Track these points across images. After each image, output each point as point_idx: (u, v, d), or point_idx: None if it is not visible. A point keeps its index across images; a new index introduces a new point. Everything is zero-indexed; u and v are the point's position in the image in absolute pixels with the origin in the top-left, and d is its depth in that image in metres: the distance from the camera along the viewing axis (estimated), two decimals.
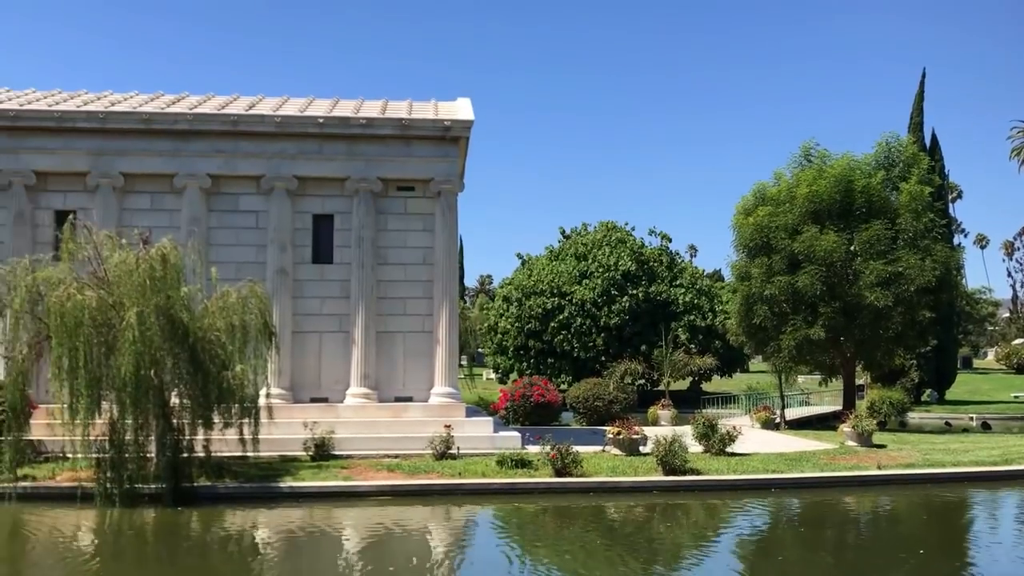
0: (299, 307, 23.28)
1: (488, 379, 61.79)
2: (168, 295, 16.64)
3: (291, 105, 25.00)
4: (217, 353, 17.37)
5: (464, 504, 17.35)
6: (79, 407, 16.14)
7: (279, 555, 13.41)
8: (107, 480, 16.49)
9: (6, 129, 22.69)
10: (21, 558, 13.56)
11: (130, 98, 25.35)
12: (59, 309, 16.10)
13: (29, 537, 14.82)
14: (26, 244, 22.03)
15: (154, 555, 13.71)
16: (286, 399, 22.40)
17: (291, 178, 23.28)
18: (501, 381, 51.92)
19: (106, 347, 16.25)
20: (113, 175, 22.82)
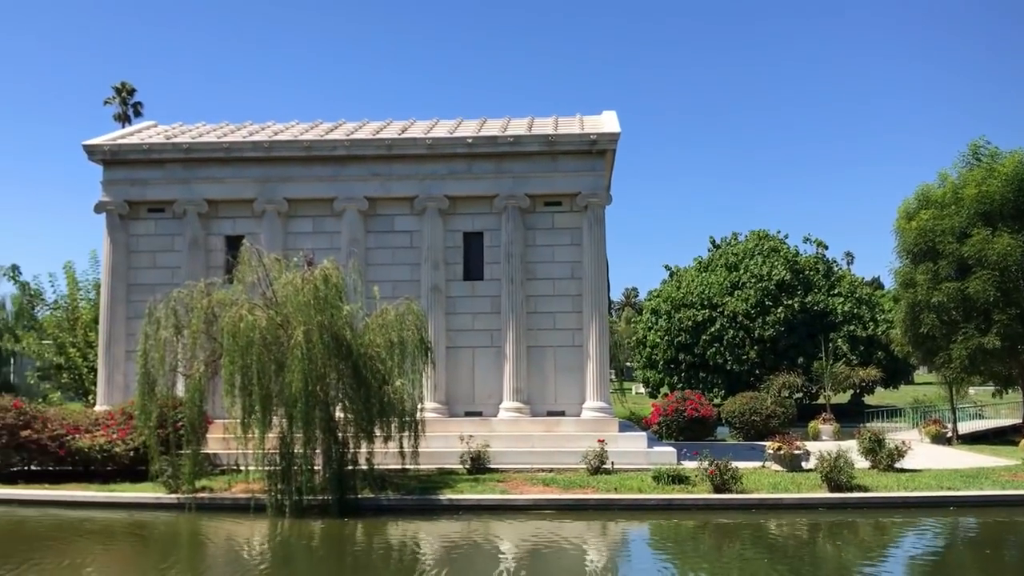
0: (452, 323, 23.79)
1: (637, 393, 61.18)
2: (331, 314, 17.34)
3: (441, 127, 25.66)
4: (377, 368, 17.96)
5: (620, 520, 17.20)
6: (251, 422, 17.02)
7: (442, 567, 13.64)
8: (278, 492, 17.30)
9: (181, 161, 24.36)
10: (201, 565, 14.37)
11: (291, 127, 26.68)
12: (232, 329, 17.04)
13: (208, 545, 15.72)
14: (200, 268, 23.52)
15: (323, 565, 14.23)
16: (442, 413, 22.90)
17: (442, 198, 23.87)
18: (651, 395, 51.33)
19: (275, 364, 17.08)
20: (278, 201, 24.06)
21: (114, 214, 24.39)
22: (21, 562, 13.66)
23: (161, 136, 25.56)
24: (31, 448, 20.39)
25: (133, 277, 24.40)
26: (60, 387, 29.66)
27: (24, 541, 15.80)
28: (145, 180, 24.49)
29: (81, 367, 27.99)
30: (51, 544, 15.49)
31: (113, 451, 20.07)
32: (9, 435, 20.24)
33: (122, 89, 74.17)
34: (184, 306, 18.62)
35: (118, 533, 16.42)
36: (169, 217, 24.57)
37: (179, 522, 17.14)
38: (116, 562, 14.51)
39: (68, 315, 29.01)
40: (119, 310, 24.11)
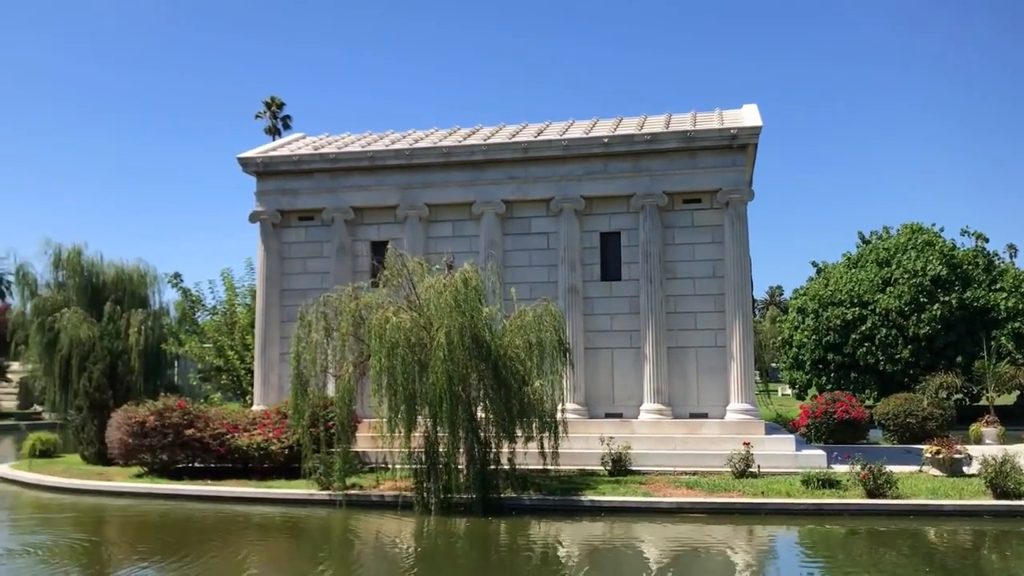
0: (590, 324, 23.74)
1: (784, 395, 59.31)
2: (472, 315, 17.62)
3: (576, 127, 25.67)
4: (517, 369, 18.13)
5: (767, 524, 16.71)
6: (397, 421, 17.50)
7: (586, 568, 13.64)
8: (424, 490, 17.72)
9: (328, 170, 25.34)
10: (353, 560, 14.89)
11: (431, 134, 27.30)
12: (378, 331, 17.58)
13: (358, 541, 16.27)
14: (347, 273, 24.39)
15: (469, 562, 14.47)
16: (581, 414, 22.88)
17: (578, 198, 23.88)
18: (799, 397, 49.63)
19: (419, 365, 17.50)
20: (419, 206, 24.67)
21: (267, 223, 25.62)
22: (192, 553, 14.55)
23: (309, 147, 26.66)
24: (194, 446, 21.66)
25: (285, 282, 25.56)
26: (220, 388, 31.33)
27: (193, 534, 16.80)
28: (295, 190, 25.62)
29: (239, 369, 29.47)
30: (216, 537, 16.43)
31: (269, 449, 21.06)
32: (175, 433, 21.58)
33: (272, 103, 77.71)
34: (333, 309, 19.34)
35: (275, 527, 17.22)
36: (318, 225, 25.60)
37: (331, 518, 17.81)
38: (274, 554, 15.22)
39: (226, 319, 30.61)
40: (273, 314, 25.30)
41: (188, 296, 32.11)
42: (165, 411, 21.80)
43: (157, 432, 21.58)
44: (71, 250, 29.93)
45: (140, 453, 22.00)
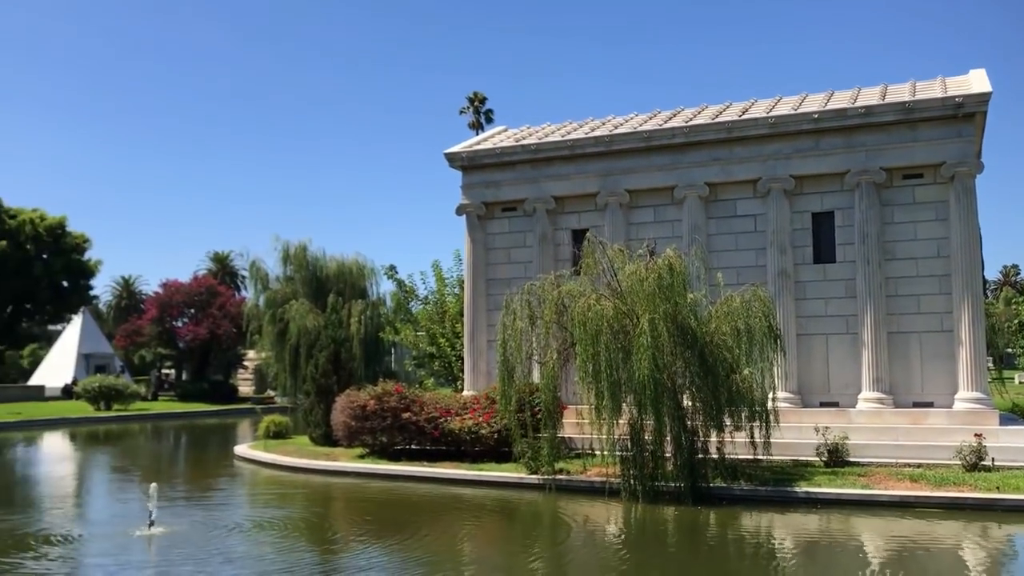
0: (802, 309, 22.80)
1: (1021, 383, 54.44)
2: (675, 302, 17.37)
3: (784, 104, 24.66)
4: (724, 357, 17.71)
5: (1004, 523, 15.41)
6: (602, 408, 17.55)
7: (800, 561, 13.15)
8: (631, 477, 17.70)
9: (529, 161, 25.76)
10: (563, 543, 15.11)
11: (630, 119, 27.12)
12: (581, 319, 17.70)
13: (567, 524, 16.48)
14: (549, 261, 24.73)
15: (678, 550, 14.33)
16: (794, 403, 22.04)
17: (787, 178, 22.95)
18: None
19: (623, 352, 17.47)
20: (619, 193, 24.60)
21: (473, 215, 26.41)
22: (411, 531, 15.33)
23: (511, 140, 27.21)
24: (411, 428, 22.74)
25: (491, 272, 26.27)
26: (433, 374, 32.68)
27: (411, 512, 17.66)
28: (498, 182, 26.25)
29: (450, 355, 30.62)
30: (433, 515, 17.19)
31: (480, 433, 21.75)
32: (393, 417, 22.75)
33: (474, 99, 79.86)
34: (537, 298, 19.66)
35: (487, 509, 17.78)
36: (520, 215, 26.11)
37: (540, 501, 18.16)
38: (488, 535, 15.72)
39: (437, 308, 31.87)
40: (480, 303, 26.08)
41: (402, 287, 33.69)
42: (384, 396, 23.02)
43: (377, 415, 22.83)
44: (297, 246, 32.20)
45: (362, 435, 23.38)
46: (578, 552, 14.32)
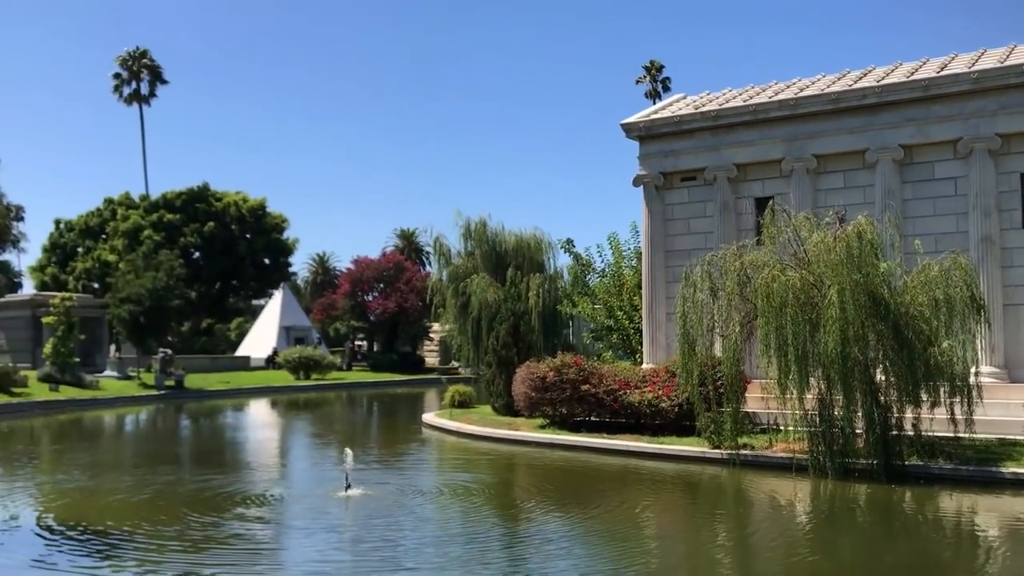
0: (1009, 277, 21.14)
1: None
2: (866, 272, 16.52)
3: (988, 57, 22.80)
4: (921, 329, 16.71)
5: None
6: (787, 383, 16.98)
7: (1009, 547, 12.31)
8: (819, 453, 17.08)
9: (709, 128, 25.14)
10: (748, 517, 14.85)
11: (817, 81, 25.90)
12: (765, 290, 17.17)
13: (751, 500, 16.19)
14: (731, 231, 24.10)
15: (871, 528, 13.74)
16: (999, 378, 20.54)
17: (992, 137, 21.26)
18: None
19: (810, 325, 16.82)
20: (806, 158, 23.60)
21: (650, 186, 26.11)
22: (592, 500, 15.53)
23: (689, 107, 26.64)
24: (590, 400, 22.90)
25: (669, 244, 25.91)
26: (611, 346, 32.70)
27: (591, 482, 17.88)
28: (677, 151, 25.79)
29: (627, 328, 30.53)
30: (613, 486, 17.32)
31: (659, 406, 21.62)
32: (572, 388, 22.98)
33: (651, 67, 78.66)
34: (718, 269, 19.24)
35: (668, 482, 17.69)
36: (700, 184, 25.57)
37: (722, 476, 17.89)
38: (670, 508, 15.66)
39: (614, 281, 31.81)
40: (658, 275, 25.81)
41: (579, 260, 33.84)
42: (563, 367, 23.29)
43: (556, 387, 23.14)
44: (477, 222, 33.02)
45: (542, 406, 23.78)
46: (764, 527, 14.03)
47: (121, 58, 78.71)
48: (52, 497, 16.40)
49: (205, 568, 10.88)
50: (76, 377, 41.73)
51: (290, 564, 11.34)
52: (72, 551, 11.75)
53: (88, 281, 65.71)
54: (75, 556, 11.47)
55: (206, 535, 12.57)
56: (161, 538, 12.32)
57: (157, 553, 11.49)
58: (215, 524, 13.26)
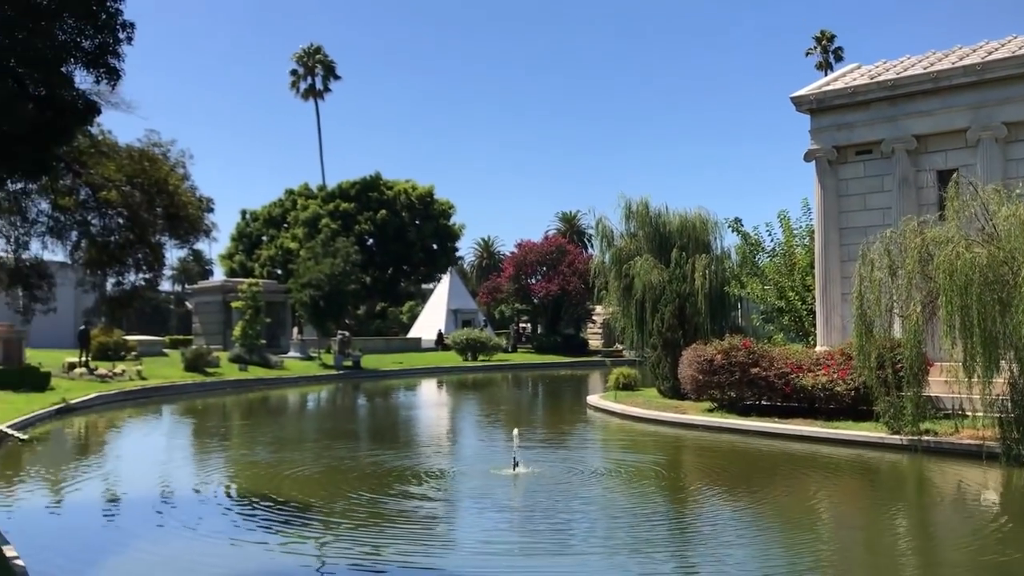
0: None
1: None
2: None
3: None
4: None
5: None
6: (974, 365, 15.96)
7: None
8: (1011, 440, 15.98)
9: (886, 99, 23.82)
10: (930, 506, 14.14)
11: (1008, 42, 24.02)
12: (948, 267, 16.17)
13: (934, 489, 15.38)
14: (910, 206, 22.77)
15: None
16: None
17: None
18: None
19: (999, 304, 15.71)
20: (994, 126, 21.98)
21: (823, 160, 25.05)
22: (760, 485, 15.22)
23: (864, 77, 25.33)
24: (759, 384, 22.32)
25: (844, 220, 24.79)
26: (781, 329, 31.70)
27: (760, 467, 17.50)
28: (851, 123, 24.60)
29: (800, 309, 29.51)
30: (783, 472, 16.91)
31: (834, 390, 20.82)
32: (741, 371, 22.48)
33: (822, 38, 75.37)
34: (897, 246, 18.28)
35: (843, 468, 17.04)
36: (876, 157, 24.30)
37: (903, 463, 17.07)
38: (844, 494, 15.08)
39: (785, 261, 30.78)
40: (832, 253, 24.77)
41: (747, 240, 32.94)
42: (731, 350, 22.82)
43: (724, 370, 22.70)
44: (639, 202, 32.65)
45: (709, 389, 23.40)
46: (947, 517, 13.32)
47: (297, 55, 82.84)
48: (241, 469, 17.63)
49: (376, 543, 11.29)
50: (262, 358, 44.54)
51: (460, 542, 11.61)
52: (257, 523, 12.56)
53: (272, 267, 69.81)
54: (260, 528, 12.27)
55: (378, 510, 13.09)
56: (336, 512, 13.00)
57: (333, 528, 12.14)
58: (388, 499, 13.82)
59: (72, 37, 9.77)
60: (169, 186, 14.12)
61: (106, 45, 9.73)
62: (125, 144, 14.46)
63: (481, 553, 10.88)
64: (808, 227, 29.66)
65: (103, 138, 14.30)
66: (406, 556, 10.62)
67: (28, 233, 14.73)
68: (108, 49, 9.71)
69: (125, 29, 9.74)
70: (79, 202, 14.45)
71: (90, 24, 9.63)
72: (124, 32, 9.72)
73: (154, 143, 14.55)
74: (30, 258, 14.97)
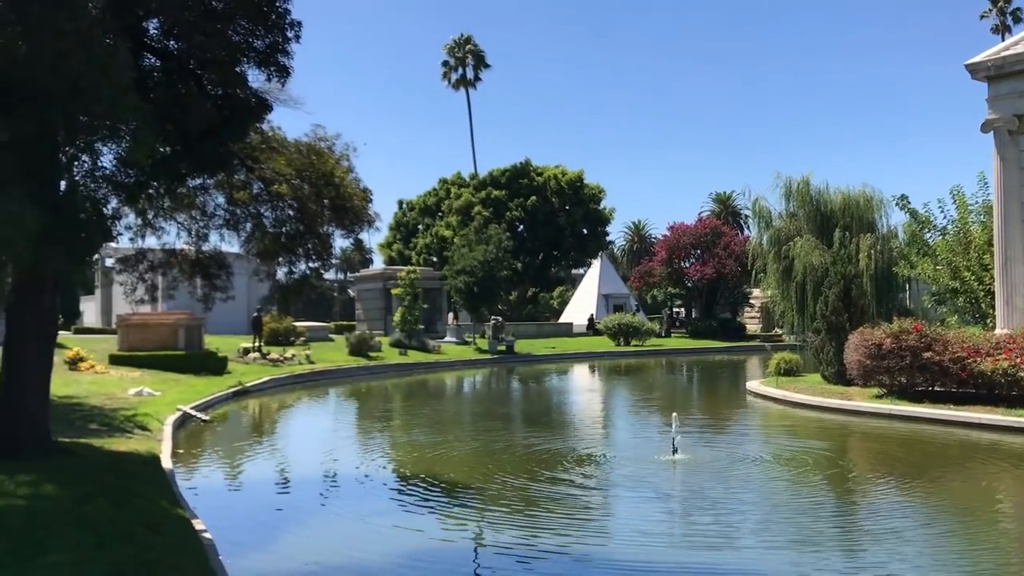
0: None
1: None
2: None
3: None
4: None
5: None
6: None
7: None
8: None
9: None
10: None
11: None
12: None
13: None
14: None
15: None
16: None
17: None
18: None
19: None
20: None
21: (1002, 131, 23.34)
22: (931, 474, 14.44)
23: None
24: (932, 369, 21.13)
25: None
26: (955, 311, 29.86)
27: (936, 457, 16.59)
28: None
29: (976, 290, 27.69)
30: (957, 461, 15.96)
31: (1017, 376, 19.50)
32: (911, 356, 21.34)
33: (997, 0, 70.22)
34: None
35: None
36: None
37: None
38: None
39: (959, 239, 28.91)
40: (1014, 230, 23.07)
41: (916, 217, 31.14)
42: (900, 334, 21.71)
43: (893, 354, 21.61)
44: (799, 181, 31.47)
45: (877, 374, 22.34)
46: None
47: (448, 47, 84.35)
48: (402, 451, 18.20)
49: (531, 529, 11.26)
50: (421, 342, 45.86)
51: (617, 533, 11.29)
52: (417, 504, 12.90)
53: (428, 255, 71.60)
54: (420, 508, 12.60)
55: (533, 495, 13.09)
56: (491, 495, 13.16)
57: (489, 511, 12.30)
58: (542, 484, 13.84)
59: (245, 38, 10.33)
60: (335, 178, 14.70)
61: (276, 44, 10.23)
62: (293, 139, 15.17)
63: (638, 544, 10.56)
64: (985, 203, 27.75)
65: (273, 134, 15.04)
66: (562, 543, 10.52)
67: (207, 226, 15.73)
68: (278, 48, 10.21)
69: (293, 28, 10.23)
70: (252, 196, 15.28)
71: (261, 25, 10.15)
72: (292, 31, 10.22)
73: (320, 137, 15.18)
74: (209, 250, 15.98)
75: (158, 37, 11.34)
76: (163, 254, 16.01)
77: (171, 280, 16.26)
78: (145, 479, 12.56)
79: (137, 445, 15.80)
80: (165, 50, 11.41)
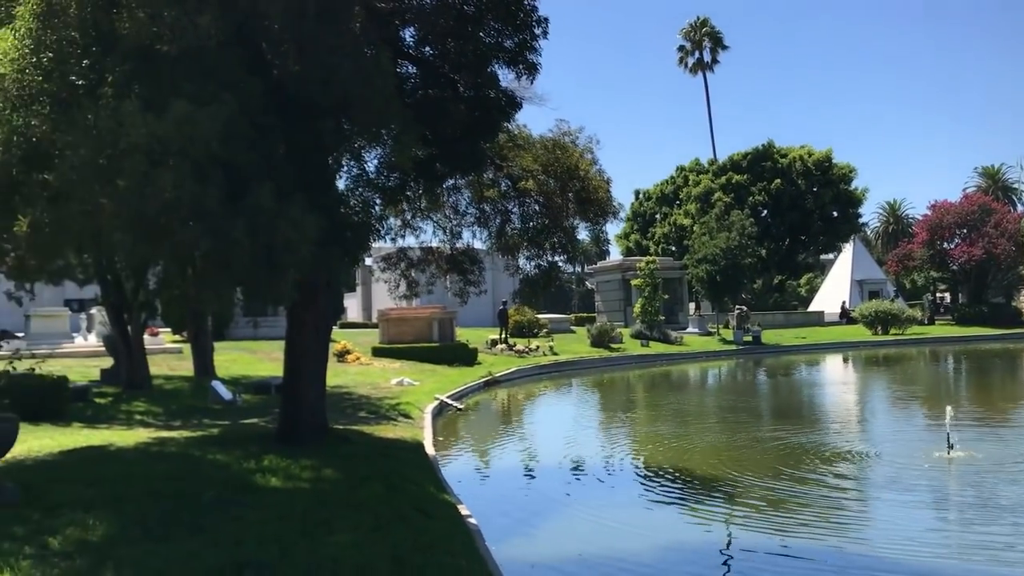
0: None
1: None
2: None
3: None
4: None
5: None
6: None
7: None
8: None
9: None
10: None
11: None
12: None
13: None
14: None
15: None
16: None
17: None
18: None
19: None
20: None
21: None
22: None
23: None
24: None
25: None
26: None
27: None
28: None
29: None
30: None
31: None
32: None
33: None
34: None
35: None
36: None
37: None
38: None
39: None
40: None
41: None
42: None
43: None
44: None
45: None
46: None
47: (684, 30, 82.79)
48: (646, 442, 18.05)
49: (784, 527, 10.72)
50: (662, 333, 45.44)
51: (876, 543, 10.05)
52: (665, 495, 12.76)
53: (666, 245, 70.78)
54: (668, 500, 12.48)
55: (786, 493, 12.44)
56: (741, 491, 12.72)
57: (739, 506, 11.91)
58: (798, 481, 13.11)
59: (495, 39, 10.61)
60: (580, 171, 14.80)
61: (524, 42, 10.42)
62: (538, 135, 15.44)
63: (906, 554, 9.50)
64: None
65: (519, 132, 15.38)
66: (814, 545, 9.95)
67: (459, 224, 16.40)
68: (527, 46, 10.40)
69: (540, 24, 10.37)
70: (501, 193, 15.74)
71: (510, 24, 10.38)
72: (540, 27, 10.36)
73: (564, 132, 15.35)
74: (463, 246, 16.67)
75: (414, 44, 11.93)
76: (421, 252, 16.88)
77: (429, 276, 17.10)
78: (412, 464, 13.29)
79: (402, 432, 16.77)
80: (420, 56, 11.99)
